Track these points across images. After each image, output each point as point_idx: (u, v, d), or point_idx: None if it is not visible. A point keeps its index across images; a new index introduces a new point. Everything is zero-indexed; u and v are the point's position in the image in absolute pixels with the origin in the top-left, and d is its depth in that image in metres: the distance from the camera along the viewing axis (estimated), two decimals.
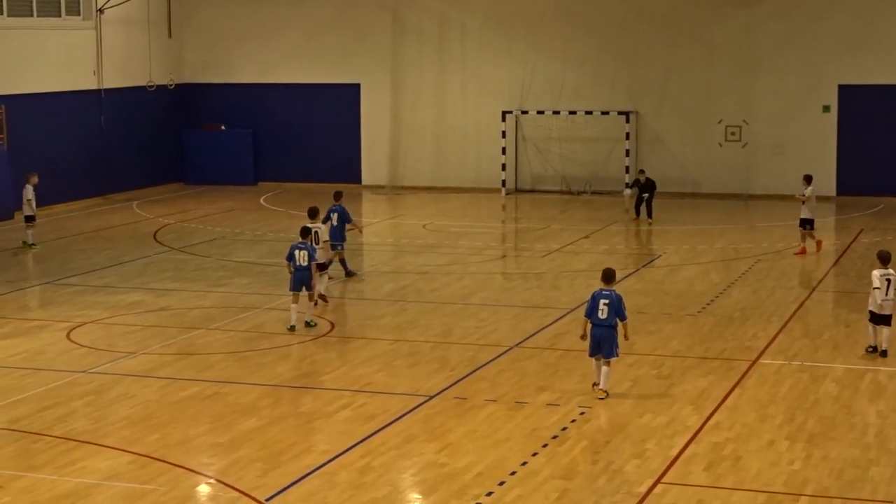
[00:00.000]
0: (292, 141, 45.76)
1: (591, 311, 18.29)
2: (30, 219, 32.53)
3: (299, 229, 24.66)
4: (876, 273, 20.66)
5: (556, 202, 41.43)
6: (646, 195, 36.16)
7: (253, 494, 14.65)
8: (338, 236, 27.34)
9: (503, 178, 43.38)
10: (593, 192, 41.91)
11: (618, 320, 18.31)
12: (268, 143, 46.02)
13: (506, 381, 19.55)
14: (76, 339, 22.52)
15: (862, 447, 16.22)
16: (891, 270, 20.69)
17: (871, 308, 20.83)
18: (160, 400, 18.69)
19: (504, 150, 43.30)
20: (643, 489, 14.73)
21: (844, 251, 31.35)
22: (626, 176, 41.76)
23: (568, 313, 24.29)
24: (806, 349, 21.46)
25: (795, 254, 30.52)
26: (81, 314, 24.60)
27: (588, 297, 18.60)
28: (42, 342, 22.42)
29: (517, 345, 21.93)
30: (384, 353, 21.51)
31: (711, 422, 17.38)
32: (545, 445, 16.41)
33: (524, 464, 15.69)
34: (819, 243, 30.85)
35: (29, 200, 32.53)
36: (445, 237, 34.37)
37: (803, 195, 30.49)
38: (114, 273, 29.16)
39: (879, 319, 20.72)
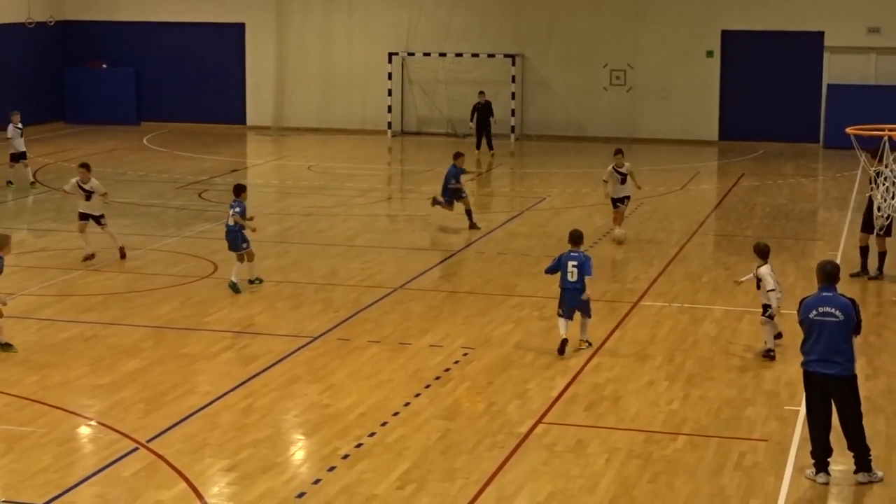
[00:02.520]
0: (176, 80, 45.21)
1: (554, 271, 17.97)
2: (13, 157, 32.03)
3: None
4: (764, 271, 17.62)
5: (441, 145, 41.40)
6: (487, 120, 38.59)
7: (134, 436, 14.54)
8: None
9: (389, 120, 43.30)
10: None
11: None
12: (151, 83, 45.42)
13: (389, 323, 19.58)
14: None
15: (739, 387, 16.50)
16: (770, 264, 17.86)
17: (774, 307, 17.61)
18: (40, 342, 18.44)
19: (390, 93, 43.19)
20: (524, 429, 14.86)
21: (725, 195, 31.76)
22: (512, 119, 41.92)
23: (452, 255, 24.36)
24: (686, 291, 21.73)
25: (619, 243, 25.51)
26: None
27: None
28: None
29: (401, 286, 21.94)
30: (267, 294, 21.42)
31: (592, 363, 17.56)
32: (428, 386, 16.47)
33: (407, 404, 15.74)
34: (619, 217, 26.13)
35: (10, 139, 31.98)
36: (331, 179, 34.24)
37: (622, 172, 25.82)
38: None
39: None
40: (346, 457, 13.97)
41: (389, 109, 43.23)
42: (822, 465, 13.33)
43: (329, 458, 13.93)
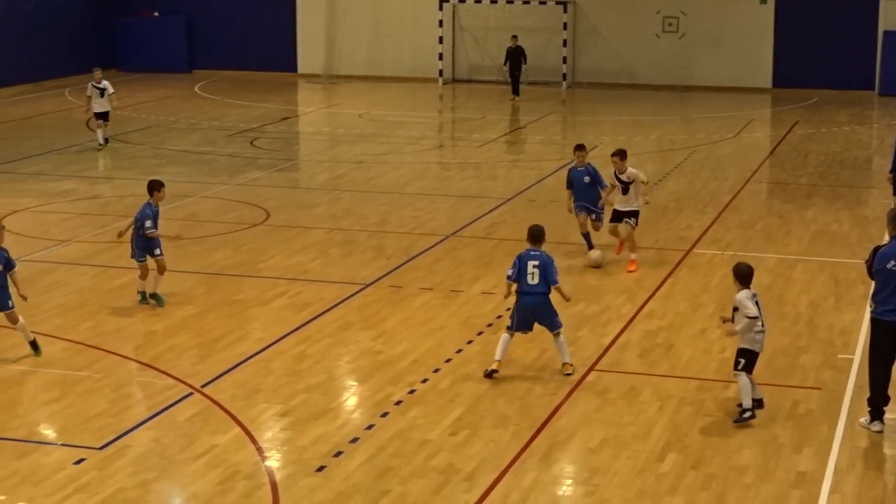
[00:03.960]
0: (227, 28, 45.19)
1: (518, 276, 14.87)
2: (98, 116, 30.43)
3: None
4: (743, 297, 13.62)
5: (492, 92, 41.28)
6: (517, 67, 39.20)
7: (188, 381, 14.65)
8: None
9: (440, 67, 43.16)
10: (530, 83, 41.66)
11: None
12: (202, 31, 45.43)
13: (441, 270, 19.59)
14: (7, 227, 22.19)
15: (792, 335, 16.43)
16: (754, 290, 13.89)
17: (749, 347, 13.68)
18: (94, 288, 18.59)
19: (441, 40, 43.03)
20: (576, 376, 14.85)
21: (779, 143, 31.51)
22: (564, 66, 41.73)
23: (504, 203, 24.32)
24: (739, 239, 21.61)
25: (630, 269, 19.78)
26: (12, 202, 24.33)
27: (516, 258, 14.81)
28: None
29: (453, 234, 21.94)
30: (320, 241, 21.46)
31: (645, 310, 17.52)
32: (480, 333, 16.48)
33: (459, 351, 15.77)
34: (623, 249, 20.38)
35: (89, 97, 30.46)
36: (382, 126, 34.22)
37: (623, 180, 19.73)
38: (45, 161, 28.82)
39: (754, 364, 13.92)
40: (398, 403, 14.02)
41: (440, 57, 43.09)
42: (878, 413, 13.27)
43: (382, 405, 13.99)
